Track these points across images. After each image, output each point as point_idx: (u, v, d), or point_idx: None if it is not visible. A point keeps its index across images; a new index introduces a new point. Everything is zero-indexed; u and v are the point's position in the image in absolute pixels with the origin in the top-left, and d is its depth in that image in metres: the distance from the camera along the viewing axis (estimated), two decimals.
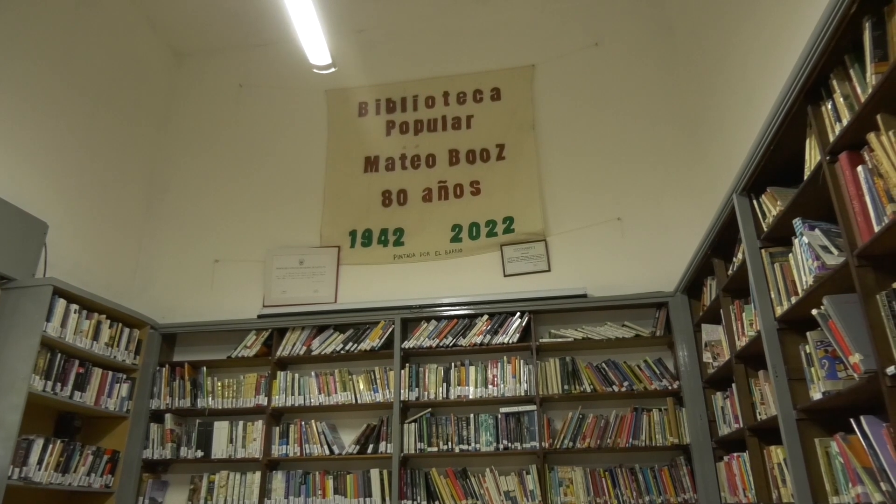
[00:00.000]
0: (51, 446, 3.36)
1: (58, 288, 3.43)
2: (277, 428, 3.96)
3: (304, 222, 4.69)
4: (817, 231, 2.01)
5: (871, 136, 1.68)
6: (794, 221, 2.15)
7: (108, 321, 3.85)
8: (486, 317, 3.97)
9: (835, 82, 1.88)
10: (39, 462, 3.27)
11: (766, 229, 2.44)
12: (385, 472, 3.73)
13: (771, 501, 2.56)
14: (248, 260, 4.64)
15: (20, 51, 3.83)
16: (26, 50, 3.87)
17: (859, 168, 1.75)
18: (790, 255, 2.26)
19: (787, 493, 2.37)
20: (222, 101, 5.23)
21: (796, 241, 2.16)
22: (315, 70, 5.03)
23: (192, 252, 4.76)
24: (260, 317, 4.28)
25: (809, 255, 2.02)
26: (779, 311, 2.34)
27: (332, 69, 5.03)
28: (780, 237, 2.39)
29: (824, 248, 1.95)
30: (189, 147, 5.13)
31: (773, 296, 2.39)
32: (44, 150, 3.96)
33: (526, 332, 3.90)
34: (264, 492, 3.80)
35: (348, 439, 3.95)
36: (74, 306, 3.57)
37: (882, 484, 1.70)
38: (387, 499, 3.67)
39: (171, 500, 4.04)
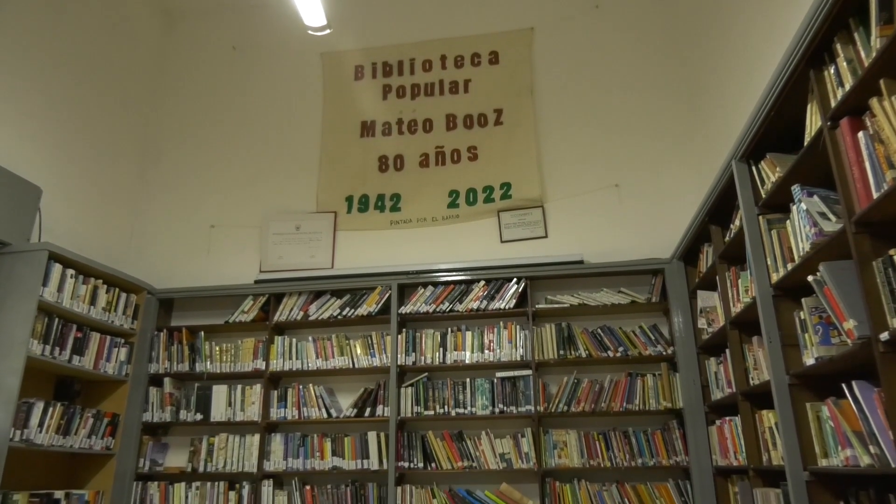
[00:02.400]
0: (51, 409, 3.39)
1: (53, 253, 3.42)
2: (275, 392, 4.00)
3: (300, 188, 4.66)
4: (815, 198, 2.01)
5: (874, 102, 1.67)
6: (792, 188, 2.14)
7: (105, 286, 3.85)
8: (482, 282, 3.98)
9: (838, 46, 1.85)
10: (40, 425, 3.31)
11: (764, 196, 2.43)
12: (382, 434, 3.78)
13: (761, 464, 2.61)
14: (245, 225, 4.62)
15: (9, 15, 3.74)
16: (16, 14, 3.79)
17: (860, 134, 1.73)
18: (787, 221, 2.26)
19: (777, 455, 2.42)
20: (216, 65, 5.15)
21: (794, 208, 2.15)
22: (310, 32, 4.94)
23: (187, 217, 4.74)
24: (257, 282, 4.29)
25: (807, 221, 2.02)
26: (774, 277, 2.35)
27: (328, 31, 4.94)
28: (778, 204, 2.39)
29: (822, 214, 1.95)
30: (183, 111, 5.07)
31: (769, 262, 2.40)
32: (36, 114, 3.91)
33: (522, 298, 3.92)
34: (263, 453, 3.86)
35: (346, 403, 4.00)
36: (70, 271, 3.56)
37: (871, 447, 1.73)
38: (384, 461, 3.73)
39: (172, 461, 4.10)
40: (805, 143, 2.06)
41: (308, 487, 3.78)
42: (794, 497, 2.13)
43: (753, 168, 2.56)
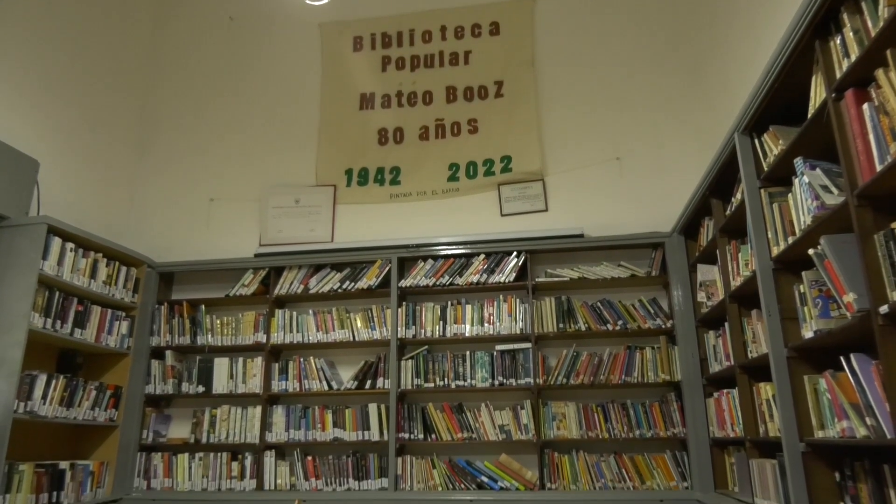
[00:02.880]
0: (54, 381, 3.42)
1: (52, 226, 3.41)
2: (276, 364, 4.03)
3: (299, 161, 4.63)
4: (818, 170, 1.99)
5: (880, 73, 1.64)
6: (795, 161, 2.12)
7: (105, 260, 3.85)
8: (482, 256, 3.98)
9: (845, 16, 1.82)
10: (44, 397, 3.34)
11: (766, 169, 2.42)
12: (382, 406, 3.82)
13: (757, 435, 2.64)
14: (244, 199, 4.61)
15: None
16: None
17: (865, 106, 1.71)
18: (789, 195, 2.25)
19: (773, 427, 2.44)
20: (213, 36, 5.08)
21: (796, 181, 2.14)
22: (308, 1, 4.86)
23: (186, 191, 4.72)
24: (257, 256, 4.28)
25: (809, 194, 2.01)
26: (775, 251, 2.34)
27: (326, 0, 4.86)
28: (780, 177, 2.37)
29: (824, 187, 1.94)
30: (180, 83, 5.01)
31: (769, 236, 2.39)
32: (32, 87, 3.87)
33: (522, 272, 3.92)
34: (265, 425, 3.90)
35: (346, 375, 4.03)
36: (70, 245, 3.56)
37: (867, 419, 1.75)
38: (384, 432, 3.77)
39: (175, 432, 4.14)
40: (809, 116, 2.04)
41: (310, 458, 3.83)
42: (789, 468, 2.16)
43: (756, 141, 2.54)
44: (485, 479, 3.63)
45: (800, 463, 2.15)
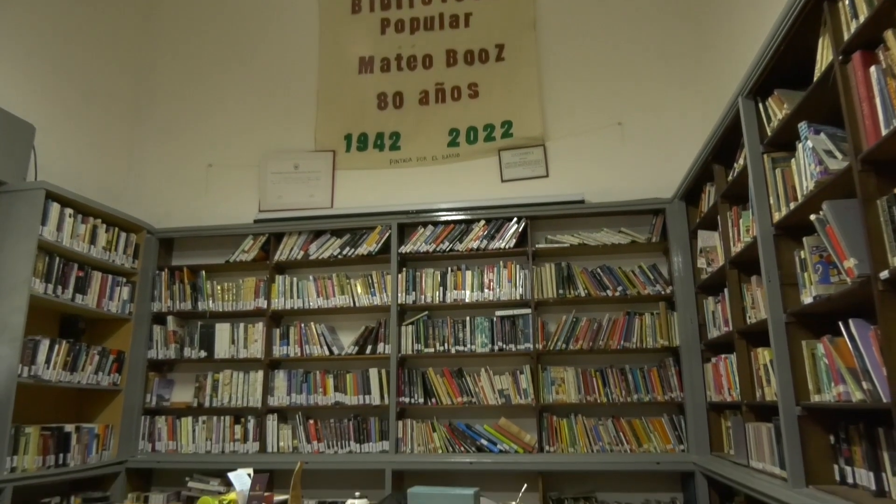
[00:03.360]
0: (57, 346, 3.44)
1: (50, 192, 3.40)
2: (277, 330, 4.06)
3: (297, 126, 4.59)
4: (822, 135, 1.97)
5: (888, 34, 1.61)
6: (799, 125, 2.10)
7: (104, 225, 3.84)
8: (482, 222, 3.97)
9: None
10: (47, 361, 3.37)
11: (769, 133, 2.39)
12: (383, 371, 3.86)
13: (754, 399, 2.67)
14: (242, 165, 4.58)
15: None
16: None
17: (872, 69, 1.68)
18: (792, 160, 2.23)
19: (770, 391, 2.47)
20: (209, 0, 4.98)
21: (800, 146, 2.12)
22: None
23: (184, 156, 4.69)
24: (256, 221, 4.28)
25: (812, 159, 1.99)
26: (776, 216, 2.33)
27: None
28: (783, 142, 2.35)
29: (828, 152, 1.92)
30: (176, 46, 4.93)
31: (771, 201, 2.38)
32: (26, 50, 3.80)
33: (522, 238, 3.92)
34: (267, 389, 3.94)
35: (347, 340, 4.06)
36: (69, 210, 3.55)
37: (864, 383, 1.76)
38: (385, 396, 3.82)
39: (178, 396, 4.20)
40: (815, 79, 2.01)
41: (311, 421, 3.88)
42: (785, 431, 2.18)
43: (760, 105, 2.51)
44: (484, 442, 3.69)
45: (795, 426, 2.18)
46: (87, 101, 4.30)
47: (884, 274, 1.59)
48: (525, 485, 2.77)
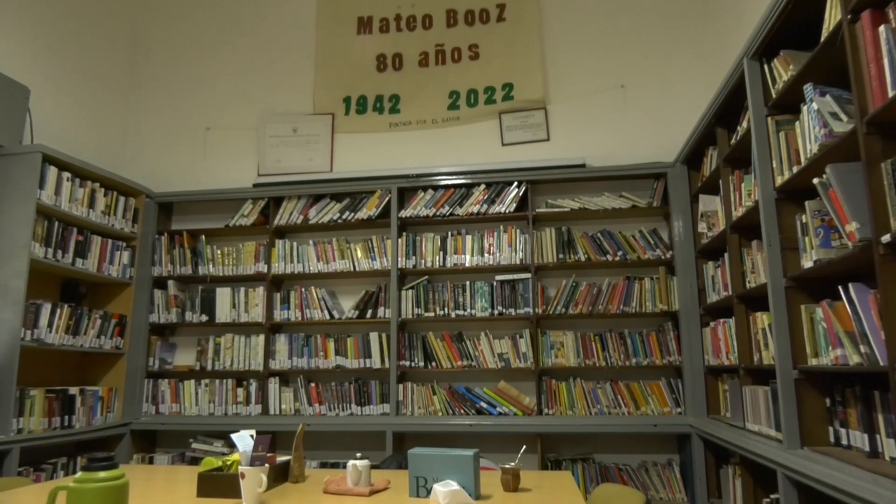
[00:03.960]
0: (59, 310, 3.46)
1: (47, 155, 3.37)
2: (278, 294, 4.07)
3: (296, 88, 4.53)
4: (828, 97, 1.94)
5: None
6: (804, 87, 2.07)
7: (103, 189, 3.82)
8: (483, 186, 3.95)
9: None
10: (49, 325, 3.39)
11: (774, 96, 2.36)
12: (384, 335, 3.88)
13: (752, 363, 2.69)
14: (240, 128, 4.53)
15: None
16: None
17: (881, 28, 1.65)
18: (796, 123, 2.20)
19: (768, 355, 2.48)
20: None
21: (805, 108, 2.09)
22: None
23: (181, 120, 4.64)
24: (255, 186, 4.25)
25: (817, 121, 1.96)
26: (779, 180, 2.31)
27: None
28: (788, 104, 2.32)
29: (833, 114, 1.89)
30: (173, 6, 4.83)
31: (774, 165, 2.36)
32: (19, 11, 3.72)
33: (523, 202, 3.90)
34: (268, 353, 3.98)
35: (347, 305, 4.08)
36: (66, 174, 3.52)
37: (861, 346, 1.77)
38: (385, 360, 3.85)
39: (180, 360, 4.23)
40: (822, 39, 1.96)
41: (313, 385, 3.92)
42: (781, 393, 2.21)
43: (765, 67, 2.46)
44: (484, 404, 3.73)
45: (792, 389, 2.20)
46: (83, 62, 4.23)
47: (885, 238, 1.59)
48: (524, 446, 2.81)
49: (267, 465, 1.97)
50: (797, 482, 2.10)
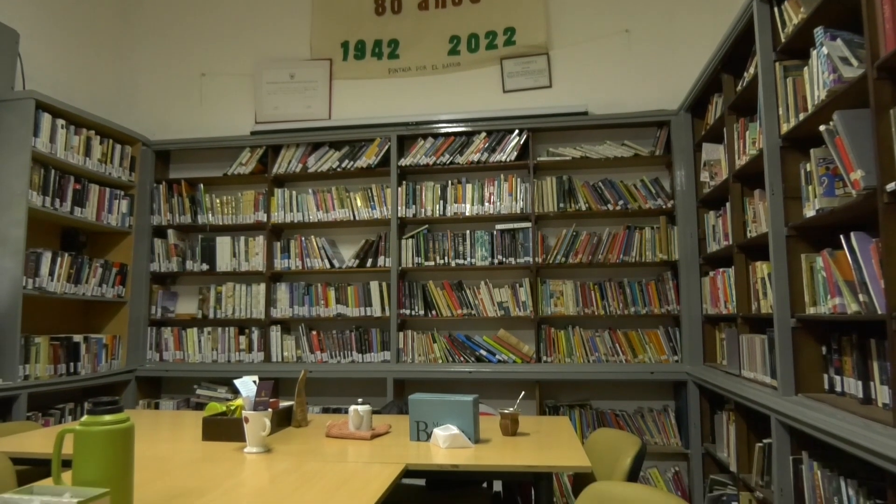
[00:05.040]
0: (59, 259, 3.46)
1: (40, 102, 3.31)
2: (278, 243, 4.07)
3: (292, 32, 4.41)
4: (839, 41, 1.89)
5: None
6: (815, 31, 2.01)
7: (98, 137, 3.77)
8: (483, 134, 3.89)
9: None
10: (51, 273, 3.40)
11: (783, 40, 2.30)
12: (384, 284, 3.90)
13: (750, 312, 2.71)
14: (236, 73, 4.44)
15: None
16: None
17: None
18: (805, 68, 2.15)
19: (766, 304, 2.50)
20: None
21: (814, 53, 2.03)
22: None
23: (176, 65, 4.54)
24: (253, 133, 4.20)
25: (826, 66, 1.91)
26: (784, 128, 2.28)
27: None
28: (797, 49, 2.26)
29: (844, 59, 1.84)
30: None
31: (780, 112, 2.31)
32: None
33: (524, 151, 3.86)
34: (269, 301, 4.00)
35: (348, 254, 4.08)
36: (61, 121, 3.47)
37: (860, 295, 1.77)
38: (386, 308, 3.88)
39: (182, 308, 4.27)
40: None
41: (314, 332, 3.96)
42: (778, 342, 2.23)
43: (775, 9, 2.39)
44: (483, 352, 3.78)
45: (789, 337, 2.22)
46: (73, 5, 4.11)
47: (890, 186, 1.57)
48: (522, 392, 2.86)
49: (270, 409, 2.00)
50: (790, 427, 2.14)
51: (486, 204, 3.84)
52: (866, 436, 1.57)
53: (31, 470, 2.12)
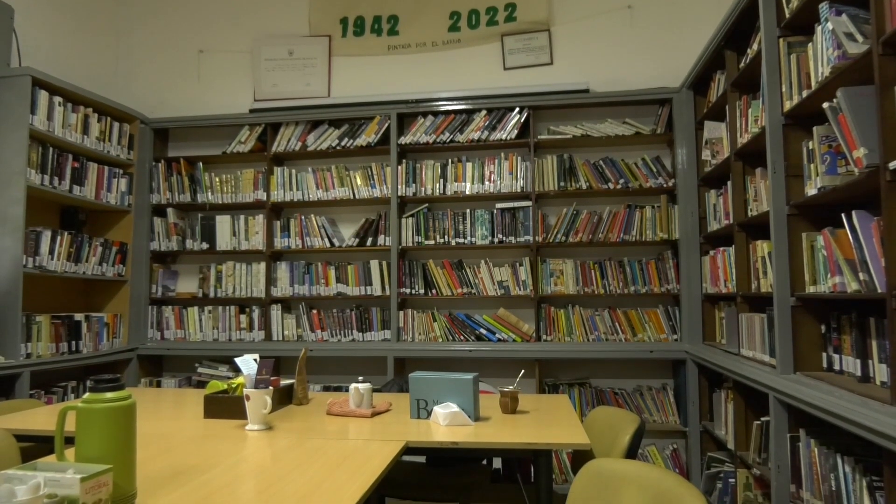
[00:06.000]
0: (59, 237, 3.46)
1: (37, 79, 3.28)
2: (278, 222, 4.06)
3: (290, 8, 4.36)
4: (844, 16, 1.86)
5: None
6: (820, 5, 1.98)
7: (96, 115, 3.74)
8: (484, 112, 3.86)
9: None
10: (51, 252, 3.40)
11: (788, 16, 2.26)
12: (384, 262, 3.90)
13: (749, 291, 2.71)
14: (235, 50, 4.39)
15: None
16: None
17: None
18: (809, 45, 2.13)
19: (766, 283, 2.50)
20: None
21: (819, 29, 2.01)
22: None
23: (173, 42, 4.49)
24: (252, 111, 4.16)
25: (831, 42, 1.89)
26: (787, 105, 2.26)
27: None
28: (801, 25, 2.23)
29: (849, 35, 1.82)
30: None
31: (783, 89, 2.29)
32: None
33: (524, 129, 3.83)
34: (270, 280, 4.01)
35: (348, 233, 4.08)
36: (58, 98, 3.44)
37: (860, 274, 1.77)
38: (386, 287, 3.88)
39: (183, 287, 4.27)
40: None
41: (315, 311, 3.97)
42: (778, 320, 2.23)
43: None
44: (483, 331, 3.79)
45: (788, 316, 2.22)
46: None
47: (893, 164, 1.56)
48: (522, 370, 2.87)
49: (271, 387, 2.02)
50: (788, 405, 2.15)
51: (487, 182, 3.83)
52: (864, 413, 1.58)
53: (35, 447, 2.14)
